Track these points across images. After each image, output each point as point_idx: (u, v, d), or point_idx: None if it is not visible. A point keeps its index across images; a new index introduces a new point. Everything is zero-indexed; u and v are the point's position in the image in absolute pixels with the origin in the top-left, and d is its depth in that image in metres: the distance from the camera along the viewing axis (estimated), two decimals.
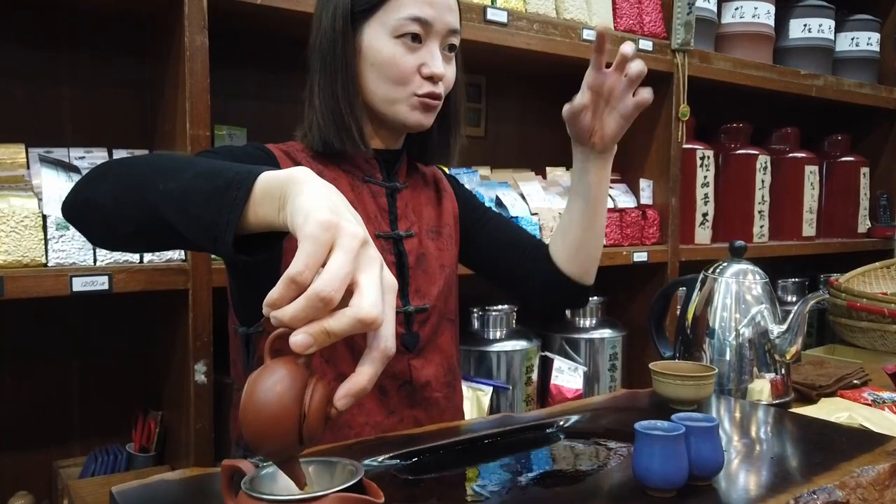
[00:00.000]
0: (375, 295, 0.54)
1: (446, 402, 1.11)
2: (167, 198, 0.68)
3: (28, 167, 1.37)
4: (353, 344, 0.98)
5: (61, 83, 1.53)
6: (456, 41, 1.05)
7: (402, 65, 1.00)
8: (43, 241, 1.24)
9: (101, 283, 1.26)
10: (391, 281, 0.58)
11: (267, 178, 0.63)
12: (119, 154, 1.49)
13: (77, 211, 0.79)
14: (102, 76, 1.56)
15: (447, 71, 1.04)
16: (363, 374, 0.56)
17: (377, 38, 1.00)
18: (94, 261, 1.29)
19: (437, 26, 1.01)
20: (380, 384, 1.03)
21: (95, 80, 1.55)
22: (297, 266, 0.53)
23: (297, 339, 0.53)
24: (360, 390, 0.55)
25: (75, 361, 1.57)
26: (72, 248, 1.27)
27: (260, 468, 0.62)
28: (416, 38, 1.00)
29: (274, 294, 0.54)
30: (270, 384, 0.53)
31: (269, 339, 0.56)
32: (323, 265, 0.54)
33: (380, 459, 0.84)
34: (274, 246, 0.68)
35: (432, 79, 1.02)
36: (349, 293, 0.54)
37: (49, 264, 1.25)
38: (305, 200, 0.57)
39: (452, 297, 1.15)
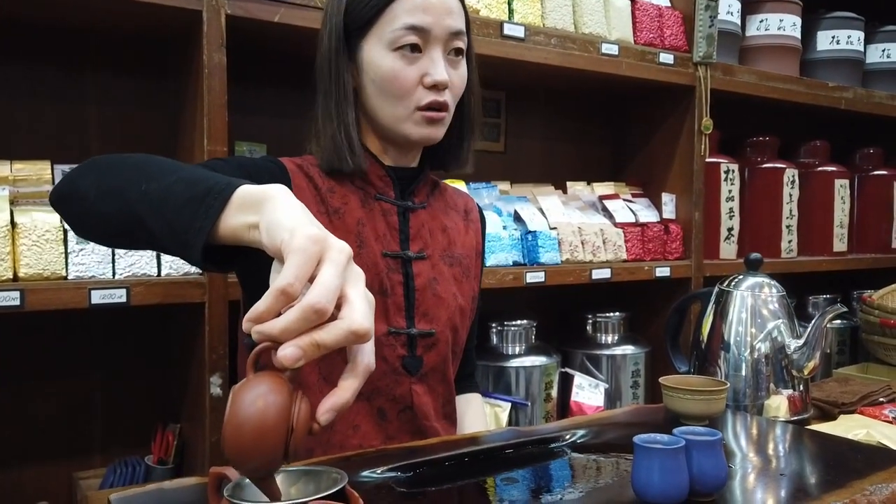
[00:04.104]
0: (365, 307, 0.55)
1: (445, 435, 1.07)
2: (146, 199, 0.69)
3: (53, 183, 1.41)
4: None
5: (87, 102, 1.57)
6: (461, 44, 1.00)
7: (402, 78, 0.97)
8: (63, 255, 1.27)
9: (119, 295, 1.29)
10: (370, 297, 0.58)
11: (244, 192, 0.63)
12: None
13: (61, 199, 0.80)
14: (128, 94, 1.59)
15: (453, 76, 1.00)
16: (347, 389, 0.56)
17: (375, 54, 0.98)
18: (113, 274, 1.31)
19: (435, 32, 0.97)
20: (378, 407, 1.01)
21: (121, 97, 1.59)
22: (286, 278, 0.52)
23: (287, 352, 0.51)
24: (344, 404, 0.55)
25: (97, 374, 1.59)
26: (91, 261, 1.29)
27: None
28: (414, 47, 0.97)
29: (260, 306, 0.52)
30: (257, 398, 0.52)
31: (251, 355, 0.55)
32: (310, 280, 0.54)
33: (379, 471, 0.84)
34: (238, 261, 0.68)
35: (436, 87, 0.98)
36: (336, 307, 0.54)
37: (69, 277, 1.27)
38: (284, 217, 0.57)
39: (463, 330, 1.11)
